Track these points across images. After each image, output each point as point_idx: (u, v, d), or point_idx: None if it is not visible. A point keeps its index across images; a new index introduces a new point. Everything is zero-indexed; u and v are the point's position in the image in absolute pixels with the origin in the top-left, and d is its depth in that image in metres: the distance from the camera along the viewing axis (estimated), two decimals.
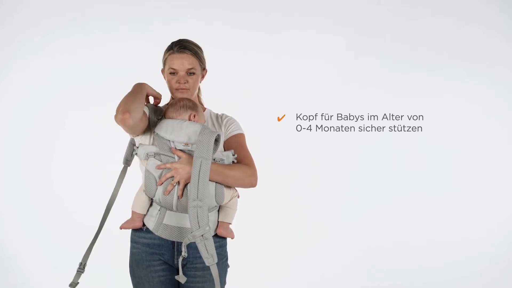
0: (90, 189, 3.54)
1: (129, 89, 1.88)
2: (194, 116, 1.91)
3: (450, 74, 3.61)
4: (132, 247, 1.97)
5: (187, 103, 1.93)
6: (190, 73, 1.96)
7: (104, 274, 3.42)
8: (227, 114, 2.09)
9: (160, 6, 3.56)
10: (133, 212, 1.94)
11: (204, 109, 2.09)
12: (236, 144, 2.00)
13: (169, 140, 1.86)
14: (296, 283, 3.58)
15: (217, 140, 1.85)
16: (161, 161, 1.86)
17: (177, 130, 1.85)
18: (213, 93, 2.21)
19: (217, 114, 2.08)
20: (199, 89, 2.11)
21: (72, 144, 3.58)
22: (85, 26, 3.55)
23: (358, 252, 3.61)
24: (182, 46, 1.96)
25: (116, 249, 2.77)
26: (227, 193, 1.93)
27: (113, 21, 3.55)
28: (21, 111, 3.58)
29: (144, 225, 1.94)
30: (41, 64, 3.56)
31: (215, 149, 1.85)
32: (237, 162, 1.96)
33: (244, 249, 3.50)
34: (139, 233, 1.94)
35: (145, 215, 1.94)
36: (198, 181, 1.76)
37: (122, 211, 2.21)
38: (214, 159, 1.87)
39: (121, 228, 1.96)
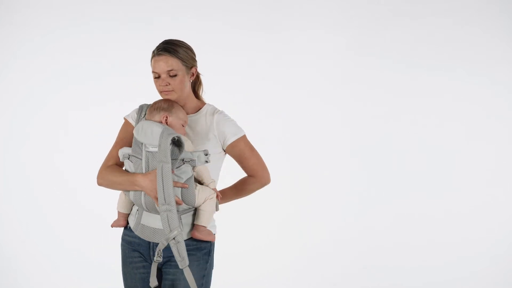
0: (90, 189, 3.53)
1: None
2: (167, 118, 1.87)
3: (450, 74, 3.61)
4: (121, 244, 2.05)
5: (161, 105, 1.89)
6: (171, 75, 1.89)
7: (104, 274, 3.42)
8: (226, 113, 2.02)
9: (160, 6, 3.56)
10: (118, 212, 2.01)
11: (203, 104, 2.04)
12: (240, 153, 2.00)
13: (142, 143, 1.84)
14: (296, 283, 3.57)
15: (178, 141, 1.78)
16: (132, 162, 1.88)
17: (148, 133, 1.82)
18: (213, 93, 2.21)
19: (214, 110, 2.02)
20: (200, 84, 2.07)
21: (72, 144, 3.58)
22: (85, 26, 3.55)
23: (358, 251, 3.61)
24: (160, 49, 1.90)
25: (116, 249, 2.77)
26: (201, 195, 1.87)
27: (113, 21, 3.55)
28: (21, 111, 3.58)
29: (128, 223, 2.01)
30: (41, 64, 3.56)
31: (180, 151, 1.79)
32: (249, 169, 2.03)
33: (244, 249, 3.51)
34: (125, 230, 2.03)
35: (130, 214, 2.01)
36: (163, 185, 1.76)
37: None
38: (182, 160, 1.82)
39: (111, 226, 2.05)
